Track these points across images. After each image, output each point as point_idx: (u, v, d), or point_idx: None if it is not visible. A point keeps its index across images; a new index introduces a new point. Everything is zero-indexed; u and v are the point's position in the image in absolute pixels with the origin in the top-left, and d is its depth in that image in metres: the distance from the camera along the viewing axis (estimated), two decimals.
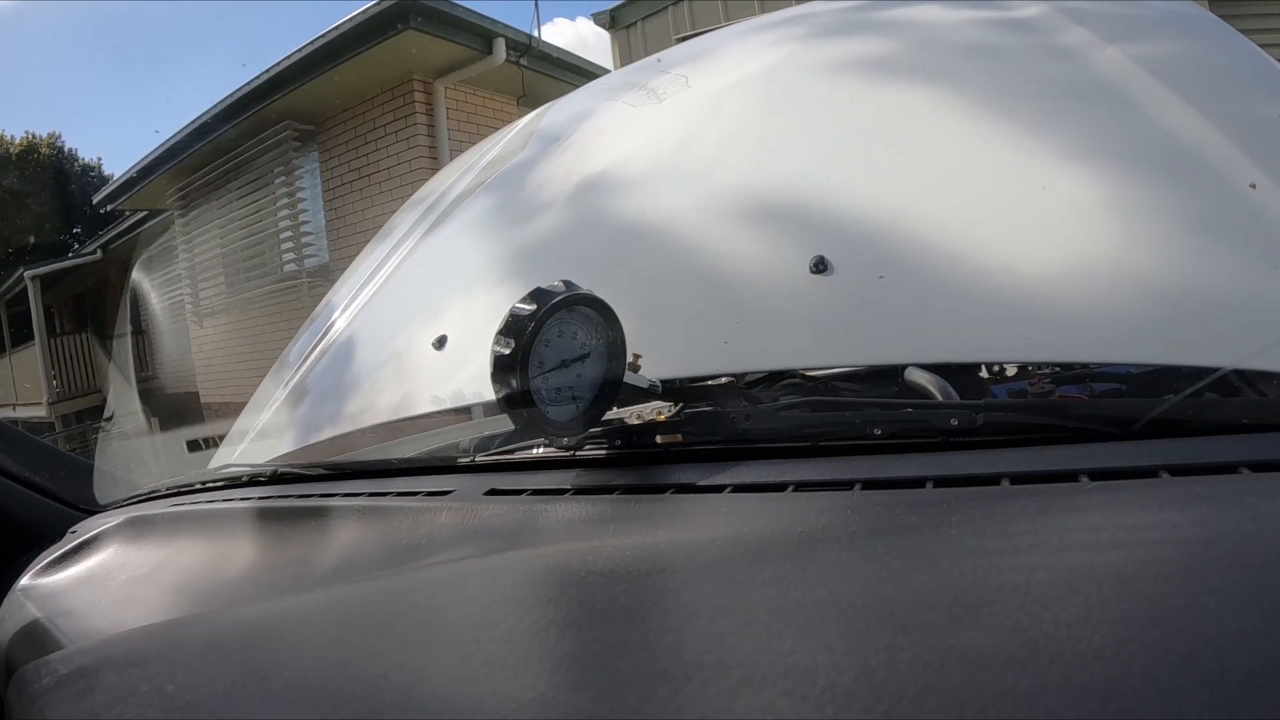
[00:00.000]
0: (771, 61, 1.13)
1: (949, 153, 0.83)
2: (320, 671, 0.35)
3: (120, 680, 0.38)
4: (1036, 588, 0.31)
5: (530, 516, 0.63)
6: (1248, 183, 0.67)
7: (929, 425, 0.60)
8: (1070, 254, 0.68)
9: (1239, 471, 0.46)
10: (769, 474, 0.59)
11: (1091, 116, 0.81)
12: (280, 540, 0.77)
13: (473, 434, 1.04)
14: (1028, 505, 0.45)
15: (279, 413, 1.15)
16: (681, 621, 0.35)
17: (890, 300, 0.73)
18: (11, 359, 11.92)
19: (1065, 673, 0.25)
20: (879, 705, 0.25)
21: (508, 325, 0.62)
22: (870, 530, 0.44)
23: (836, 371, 0.86)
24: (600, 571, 0.44)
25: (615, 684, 0.30)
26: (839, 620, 0.32)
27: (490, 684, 0.31)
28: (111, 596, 0.76)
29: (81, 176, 21.76)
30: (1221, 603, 0.28)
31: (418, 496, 0.74)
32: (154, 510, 0.99)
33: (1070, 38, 0.92)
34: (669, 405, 0.73)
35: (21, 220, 18.77)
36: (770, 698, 0.26)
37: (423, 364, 0.99)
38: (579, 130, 1.25)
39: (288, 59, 5.64)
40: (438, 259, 1.22)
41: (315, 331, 1.29)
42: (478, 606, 0.41)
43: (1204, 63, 0.91)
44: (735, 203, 0.89)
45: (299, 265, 6.33)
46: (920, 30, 1.06)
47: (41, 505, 1.10)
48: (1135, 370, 0.77)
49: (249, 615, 0.50)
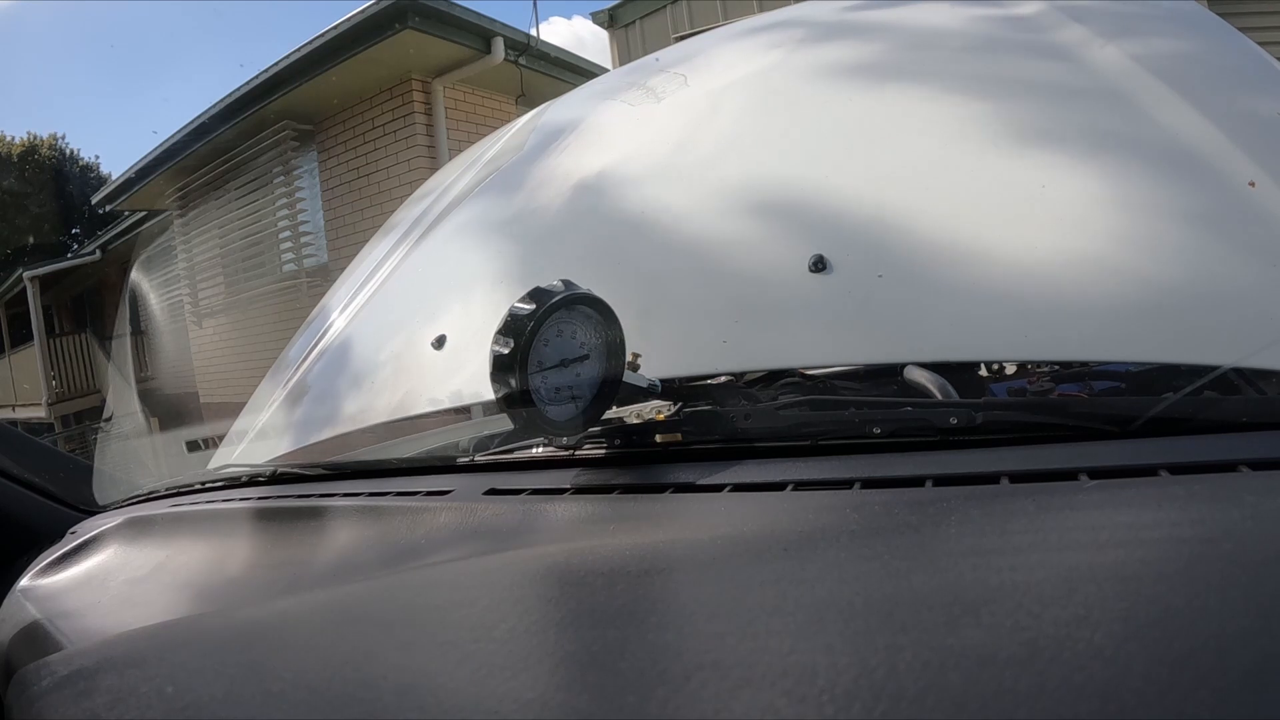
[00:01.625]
0: (769, 60, 1.13)
1: (947, 151, 0.83)
2: (320, 673, 0.35)
3: (120, 682, 0.38)
4: (1036, 587, 0.31)
5: (529, 516, 0.63)
6: (1246, 181, 0.68)
7: (928, 424, 0.60)
8: (1069, 252, 0.68)
9: (1238, 470, 0.46)
10: (768, 473, 0.59)
11: (1090, 115, 0.81)
12: (279, 540, 0.77)
13: (471, 434, 1.04)
14: (1027, 504, 0.45)
15: (278, 413, 1.15)
16: (681, 621, 0.35)
17: (889, 299, 0.72)
18: (10, 360, 11.92)
19: (1065, 672, 0.25)
20: (878, 705, 0.25)
21: (507, 325, 0.62)
22: (869, 529, 0.44)
23: (835, 370, 0.86)
24: (600, 571, 0.44)
25: (614, 684, 0.30)
26: (838, 620, 0.32)
27: (489, 684, 0.31)
28: (111, 597, 0.76)
29: (81, 177, 21.76)
30: (1221, 601, 0.28)
31: (417, 496, 0.74)
32: (153, 511, 0.99)
33: (1068, 36, 0.92)
34: (668, 404, 0.73)
35: (21, 221, 18.78)
36: (770, 698, 0.26)
37: (422, 364, 0.99)
38: (578, 130, 1.25)
39: (286, 59, 5.64)
40: (437, 259, 1.21)
41: (314, 331, 1.29)
42: (477, 607, 0.41)
43: (1203, 61, 0.91)
44: (734, 202, 0.89)
45: (298, 265, 6.33)
46: (918, 29, 1.06)
47: (41, 506, 1.10)
48: (1134, 368, 0.77)
49: (248, 616, 0.50)
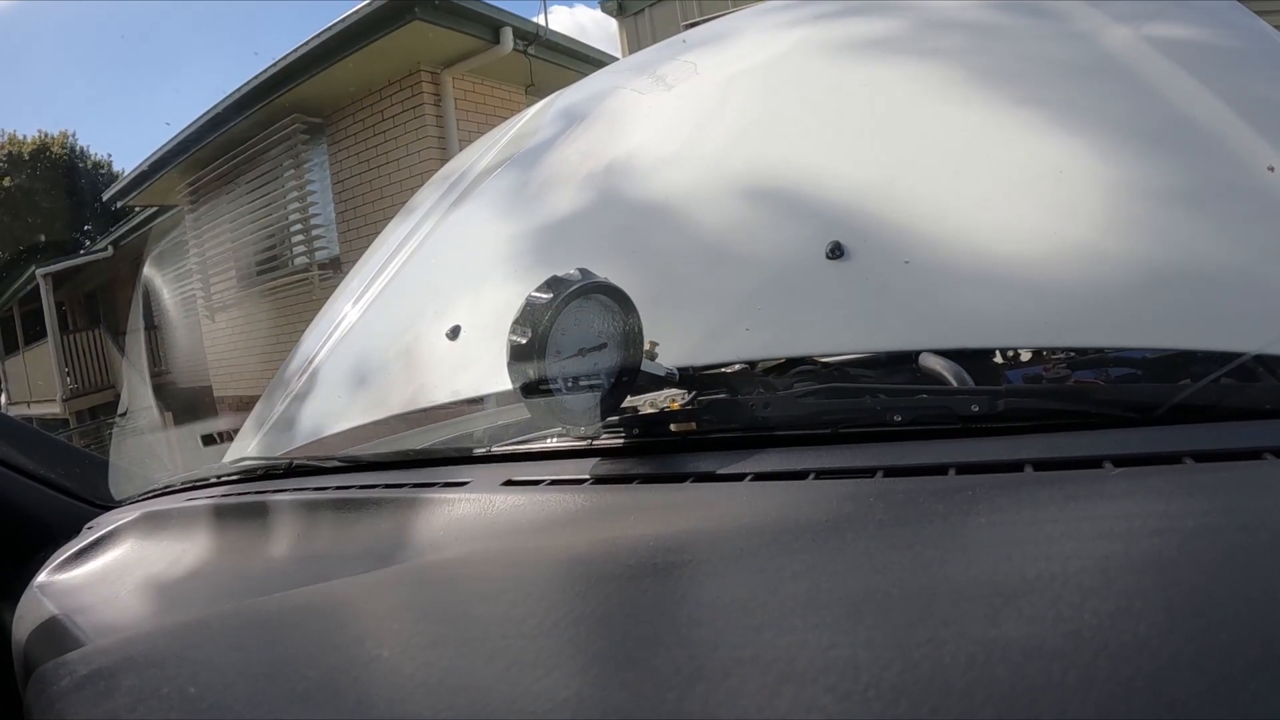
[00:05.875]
0: (783, 45, 1.12)
1: (964, 136, 0.82)
2: (346, 671, 0.35)
3: (141, 681, 0.38)
4: (1074, 577, 0.31)
5: (548, 507, 0.62)
6: (1266, 165, 0.67)
7: (950, 411, 0.59)
8: (1087, 237, 0.67)
9: (1263, 457, 0.45)
10: (789, 461, 0.58)
11: (1108, 99, 0.80)
12: (297, 533, 0.77)
13: (487, 424, 1.04)
14: (1055, 492, 0.45)
15: (293, 405, 1.15)
16: (714, 615, 0.35)
17: (907, 285, 0.72)
18: (25, 356, 12.03)
19: (1113, 665, 0.24)
20: (926, 700, 0.24)
21: (524, 314, 0.62)
22: (897, 518, 0.44)
23: (850, 358, 0.85)
24: (625, 563, 0.43)
25: (652, 681, 0.29)
26: (877, 612, 0.31)
27: (522, 682, 0.30)
28: (129, 592, 0.76)
29: (92, 174, 21.87)
30: (1265, 590, 0.28)
31: (434, 488, 0.74)
32: (170, 505, 0.99)
33: (1086, 19, 0.91)
34: (686, 393, 0.72)
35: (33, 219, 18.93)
36: (814, 694, 0.26)
37: (437, 354, 0.99)
38: (591, 117, 1.25)
39: (295, 52, 5.66)
40: (451, 249, 1.21)
41: (328, 324, 1.29)
42: (501, 601, 0.41)
43: (1223, 46, 0.90)
44: (750, 189, 0.89)
45: (309, 258, 6.35)
46: (934, 13, 1.05)
47: (57, 502, 1.10)
48: (1150, 355, 0.77)
49: (268, 611, 0.50)
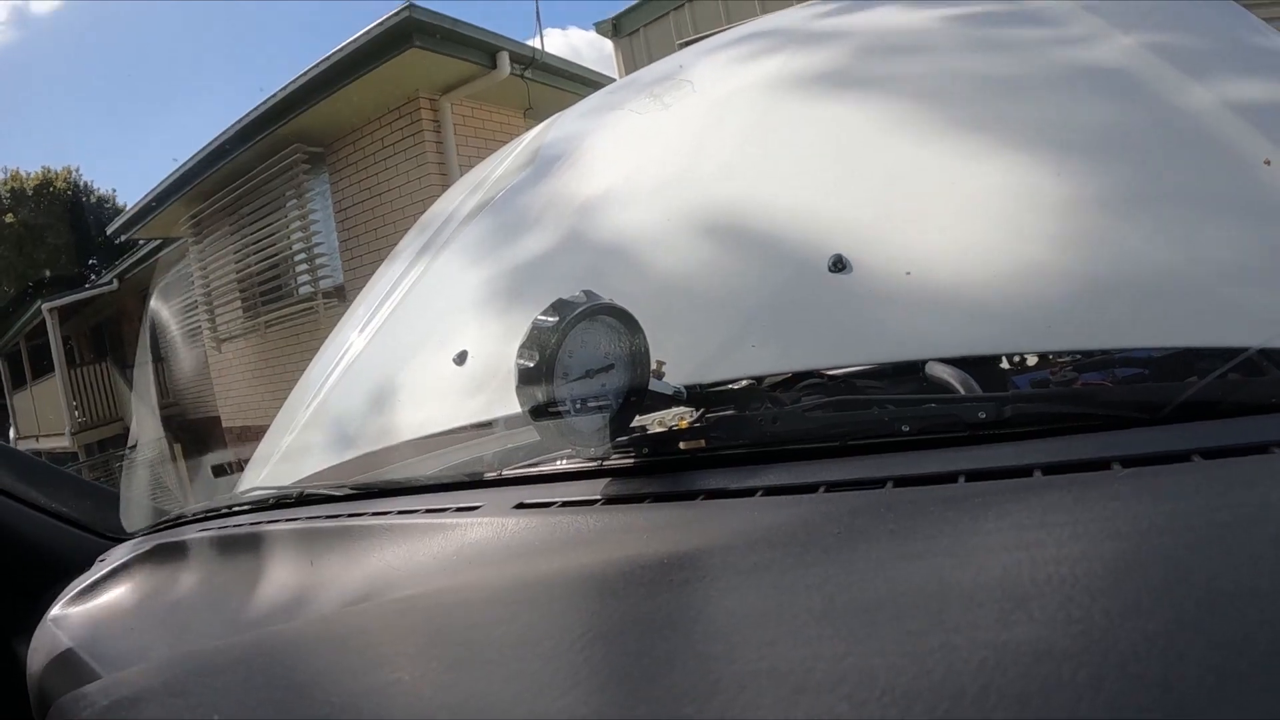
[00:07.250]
0: (780, 63, 1.13)
1: (963, 145, 0.82)
2: (367, 696, 0.35)
3: (162, 711, 0.38)
4: (1084, 578, 0.31)
5: (561, 528, 0.62)
6: (1262, 159, 0.67)
7: (958, 419, 0.59)
8: (1087, 239, 0.68)
9: (1271, 451, 0.45)
10: (799, 475, 0.59)
11: (1105, 100, 0.81)
12: (310, 562, 0.77)
13: (496, 448, 1.04)
14: (1064, 496, 0.45)
15: (303, 434, 1.16)
16: (729, 629, 0.35)
17: (910, 295, 0.72)
18: (33, 391, 12.08)
19: (1121, 662, 0.25)
20: (941, 705, 0.25)
21: (531, 337, 0.62)
22: (908, 528, 0.44)
23: (856, 370, 0.85)
24: (639, 581, 0.43)
25: (669, 697, 0.29)
26: (890, 621, 0.31)
27: (540, 703, 0.31)
28: (143, 623, 0.76)
29: (96, 208, 22.02)
30: (1271, 584, 0.28)
31: (445, 513, 0.74)
32: (182, 536, 1.00)
33: (1083, 23, 0.92)
34: (694, 411, 0.72)
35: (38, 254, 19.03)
36: (830, 703, 0.26)
37: (444, 380, 0.99)
38: (587, 141, 1.26)
39: (294, 83, 5.71)
40: (455, 275, 1.22)
41: (335, 352, 1.30)
42: (518, 623, 0.41)
43: (1215, 42, 0.90)
44: (751, 205, 0.89)
45: (314, 287, 6.38)
46: (930, 26, 1.06)
47: (69, 535, 1.11)
48: (1157, 354, 0.77)
49: (287, 639, 0.50)
